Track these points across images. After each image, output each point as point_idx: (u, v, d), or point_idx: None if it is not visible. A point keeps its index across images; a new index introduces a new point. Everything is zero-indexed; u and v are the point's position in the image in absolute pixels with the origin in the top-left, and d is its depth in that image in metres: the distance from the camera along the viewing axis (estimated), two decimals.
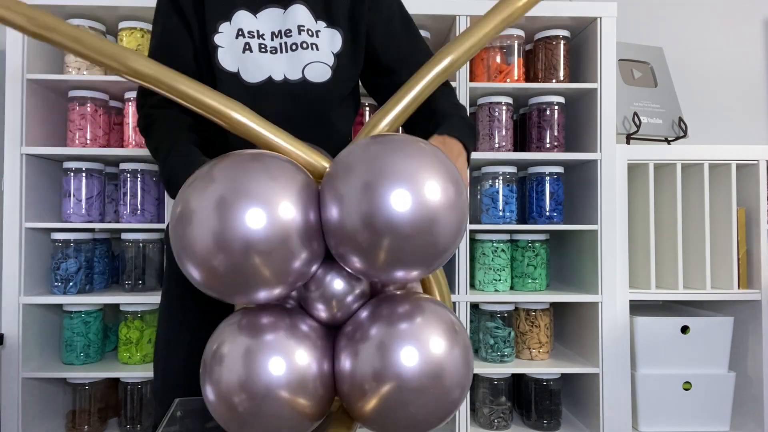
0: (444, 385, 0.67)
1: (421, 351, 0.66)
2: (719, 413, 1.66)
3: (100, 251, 1.72)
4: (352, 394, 0.68)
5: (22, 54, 1.57)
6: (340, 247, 0.67)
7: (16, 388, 1.55)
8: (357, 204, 0.63)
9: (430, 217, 0.63)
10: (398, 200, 0.62)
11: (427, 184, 0.63)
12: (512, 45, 1.71)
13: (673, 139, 1.86)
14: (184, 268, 0.66)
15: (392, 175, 0.63)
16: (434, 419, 0.69)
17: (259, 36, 1.00)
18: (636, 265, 1.70)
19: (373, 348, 0.67)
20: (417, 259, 0.66)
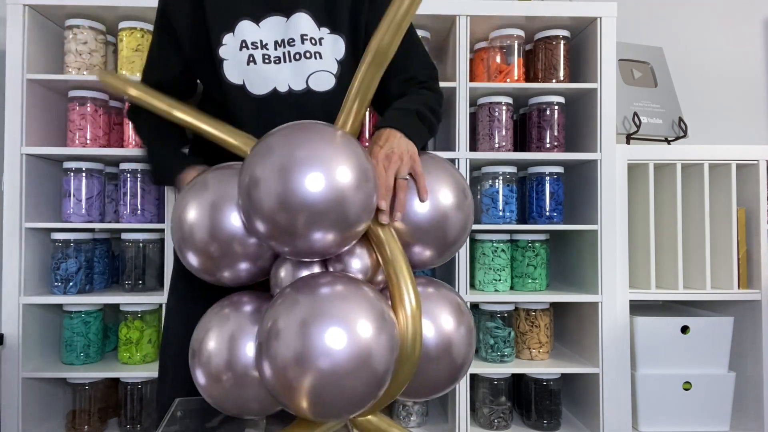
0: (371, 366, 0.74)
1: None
2: (719, 413, 1.66)
3: (100, 251, 1.72)
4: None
5: (22, 54, 1.57)
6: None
7: (16, 388, 1.55)
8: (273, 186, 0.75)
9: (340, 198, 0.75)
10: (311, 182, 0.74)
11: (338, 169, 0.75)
12: (512, 45, 1.71)
13: (673, 139, 1.86)
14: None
15: (306, 160, 0.75)
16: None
17: (263, 46, 1.00)
18: (636, 265, 1.70)
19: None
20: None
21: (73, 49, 1.63)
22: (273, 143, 0.77)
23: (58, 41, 1.70)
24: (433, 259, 0.88)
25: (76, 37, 1.63)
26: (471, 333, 0.85)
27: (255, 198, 0.75)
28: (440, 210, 0.84)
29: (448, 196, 0.85)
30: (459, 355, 0.80)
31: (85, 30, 1.63)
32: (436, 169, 0.89)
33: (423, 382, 0.80)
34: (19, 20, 1.57)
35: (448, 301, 0.84)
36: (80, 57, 1.63)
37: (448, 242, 0.86)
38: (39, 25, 1.64)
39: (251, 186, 0.75)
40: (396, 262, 0.79)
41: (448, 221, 0.84)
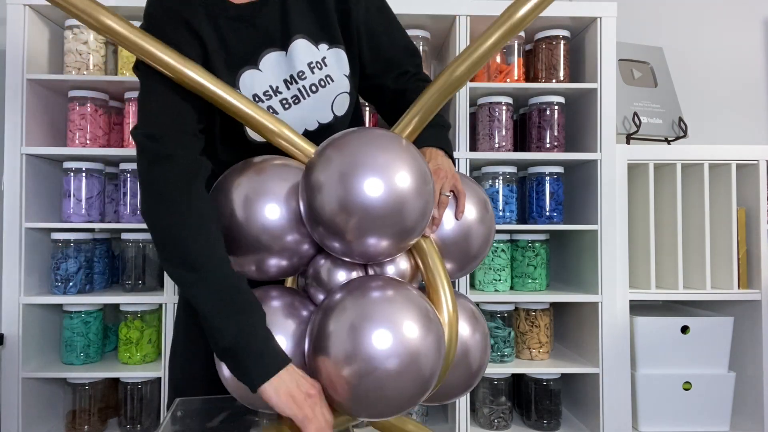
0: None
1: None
2: (719, 413, 1.66)
3: (100, 251, 1.72)
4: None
5: (22, 54, 1.57)
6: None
7: (16, 388, 1.55)
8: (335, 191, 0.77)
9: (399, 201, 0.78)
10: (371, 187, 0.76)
11: (398, 174, 0.77)
12: (512, 45, 1.71)
13: (673, 139, 1.86)
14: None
15: (365, 166, 0.77)
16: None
17: (276, 92, 0.94)
18: (636, 265, 1.70)
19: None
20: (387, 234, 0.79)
21: (73, 49, 1.63)
22: (339, 149, 0.81)
23: (58, 41, 1.70)
24: (454, 272, 0.91)
25: (76, 37, 1.63)
26: (486, 339, 0.87)
27: (317, 202, 0.77)
28: (464, 224, 0.87)
29: (472, 210, 0.89)
30: (475, 361, 0.84)
31: (85, 30, 1.64)
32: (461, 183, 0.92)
33: (440, 388, 0.81)
34: (19, 20, 1.57)
35: (464, 308, 0.86)
36: (80, 57, 1.63)
37: (471, 256, 0.89)
38: (39, 25, 1.64)
39: (314, 190, 0.78)
40: (436, 270, 0.83)
41: (471, 235, 0.88)
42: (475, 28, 1.71)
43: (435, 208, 0.87)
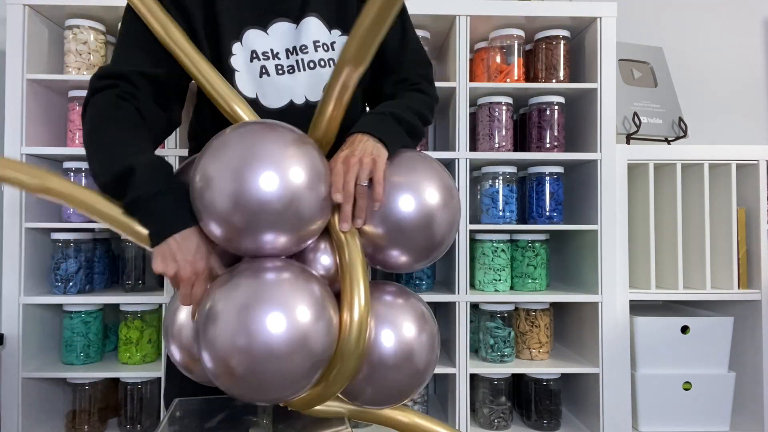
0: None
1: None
2: (719, 413, 1.66)
3: (100, 251, 1.72)
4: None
5: (22, 54, 1.57)
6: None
7: (16, 388, 1.55)
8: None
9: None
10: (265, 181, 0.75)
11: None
12: (512, 45, 1.71)
13: (673, 139, 1.86)
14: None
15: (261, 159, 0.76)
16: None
17: (274, 56, 0.95)
18: (636, 265, 1.70)
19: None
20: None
21: (73, 49, 1.63)
22: (228, 141, 0.78)
23: (58, 41, 1.70)
24: (412, 262, 0.87)
25: (76, 37, 1.63)
26: (433, 339, 0.86)
27: (208, 198, 0.75)
28: (426, 210, 0.83)
29: (435, 195, 0.84)
30: (421, 361, 0.82)
31: (85, 30, 1.64)
32: (423, 167, 0.87)
33: (385, 388, 0.81)
34: (19, 20, 1.57)
35: (412, 309, 0.85)
36: (80, 57, 1.63)
37: (435, 243, 0.85)
38: (39, 25, 1.64)
39: (204, 185, 0.76)
40: (353, 268, 0.80)
41: (434, 222, 0.83)
42: (475, 28, 1.71)
43: (346, 203, 0.82)
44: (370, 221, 0.84)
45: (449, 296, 1.63)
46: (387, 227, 0.83)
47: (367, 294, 0.80)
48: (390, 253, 0.85)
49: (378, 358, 0.79)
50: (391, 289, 0.88)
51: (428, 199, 0.83)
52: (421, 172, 0.86)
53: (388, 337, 0.80)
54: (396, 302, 0.84)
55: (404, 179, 0.85)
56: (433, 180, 0.86)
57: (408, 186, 0.84)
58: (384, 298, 0.85)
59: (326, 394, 0.80)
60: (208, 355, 0.72)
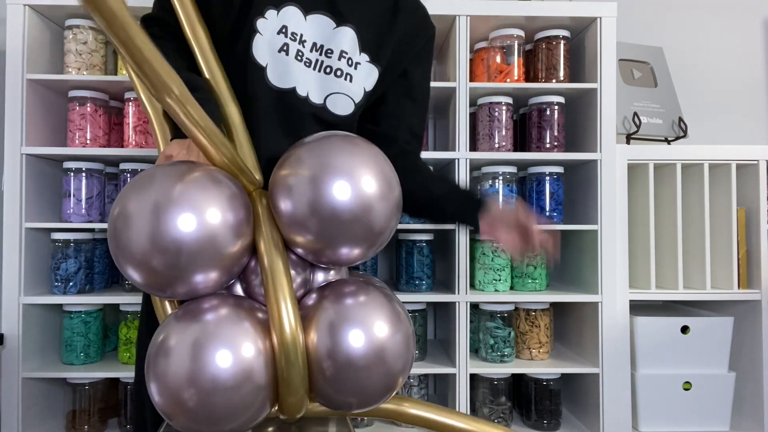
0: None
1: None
2: (719, 413, 1.66)
3: (100, 251, 1.72)
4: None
5: (22, 54, 1.57)
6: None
7: (16, 388, 1.55)
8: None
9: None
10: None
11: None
12: (512, 45, 1.71)
13: (673, 139, 1.86)
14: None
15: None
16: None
17: (301, 41, 0.94)
18: (636, 265, 1.70)
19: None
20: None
21: (73, 49, 1.63)
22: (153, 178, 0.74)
23: (58, 41, 1.70)
24: (364, 253, 0.81)
25: (76, 37, 1.63)
26: (408, 339, 0.80)
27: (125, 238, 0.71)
28: (364, 200, 0.76)
29: (372, 185, 0.76)
30: (396, 362, 0.77)
31: (85, 30, 1.64)
32: (361, 155, 0.79)
33: (356, 390, 0.78)
34: (19, 20, 1.57)
35: (381, 307, 0.79)
36: (80, 57, 1.63)
37: (375, 232, 0.78)
38: (39, 25, 1.64)
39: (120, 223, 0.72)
40: (276, 280, 0.76)
41: (372, 211, 0.76)
42: (475, 28, 1.71)
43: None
44: (297, 231, 0.78)
45: (449, 296, 1.63)
46: (316, 227, 0.78)
47: (295, 307, 0.76)
48: (332, 252, 0.80)
49: (345, 359, 0.75)
50: (355, 286, 0.82)
51: (365, 188, 0.76)
52: (359, 159, 0.80)
53: (356, 338, 0.75)
54: (361, 300, 0.79)
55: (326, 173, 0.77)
56: (375, 171, 0.78)
57: (342, 174, 0.77)
58: (345, 295, 0.80)
59: (290, 402, 0.78)
60: (156, 389, 0.72)
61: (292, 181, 0.76)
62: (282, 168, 0.79)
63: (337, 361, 0.75)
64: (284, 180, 0.77)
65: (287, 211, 0.76)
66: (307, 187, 0.75)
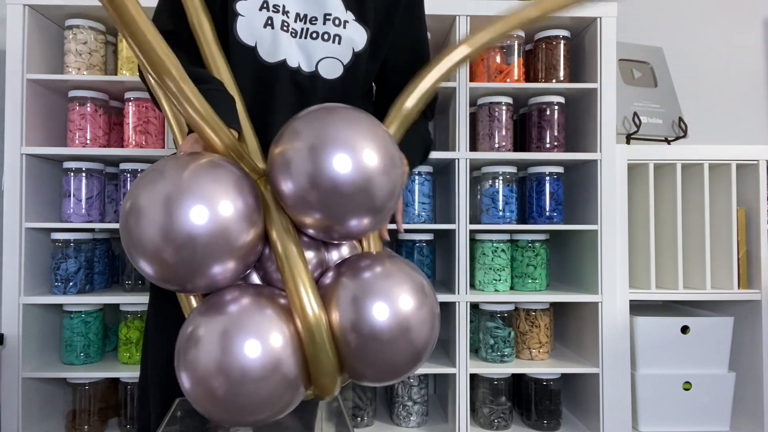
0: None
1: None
2: (719, 413, 1.66)
3: (100, 251, 1.72)
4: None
5: (22, 54, 1.57)
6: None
7: (16, 388, 1.55)
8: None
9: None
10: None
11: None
12: (512, 45, 1.71)
13: (673, 139, 1.86)
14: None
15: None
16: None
17: (284, 12, 0.94)
18: (636, 265, 1.70)
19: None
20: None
21: (73, 49, 1.63)
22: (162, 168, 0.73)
23: (58, 41, 1.70)
24: (371, 225, 0.79)
25: (76, 37, 1.63)
26: (433, 315, 0.78)
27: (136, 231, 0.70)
28: (365, 173, 0.73)
29: (374, 158, 0.74)
30: (419, 336, 0.76)
31: (85, 30, 1.64)
32: (365, 127, 0.77)
33: (378, 364, 0.77)
34: (19, 20, 1.57)
35: (413, 280, 0.78)
36: (80, 57, 1.63)
37: (375, 207, 0.76)
38: (39, 25, 1.64)
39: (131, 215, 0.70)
40: (292, 264, 0.75)
41: (373, 184, 0.74)
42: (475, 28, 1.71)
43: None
44: (302, 210, 0.77)
45: (449, 296, 1.63)
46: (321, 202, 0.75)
47: (315, 291, 0.75)
48: (341, 227, 0.78)
49: (370, 332, 0.74)
50: (382, 257, 0.81)
51: (367, 161, 0.74)
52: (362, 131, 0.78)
53: (380, 311, 0.74)
54: (388, 270, 0.78)
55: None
56: (377, 147, 0.76)
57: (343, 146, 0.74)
58: (359, 269, 0.79)
59: (324, 383, 0.78)
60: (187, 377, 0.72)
61: (289, 155, 0.74)
62: (278, 144, 0.76)
63: (362, 334, 0.73)
64: (281, 157, 0.75)
65: (289, 192, 0.74)
66: (306, 160, 0.72)
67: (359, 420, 1.70)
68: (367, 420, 1.71)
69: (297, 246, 0.77)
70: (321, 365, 0.75)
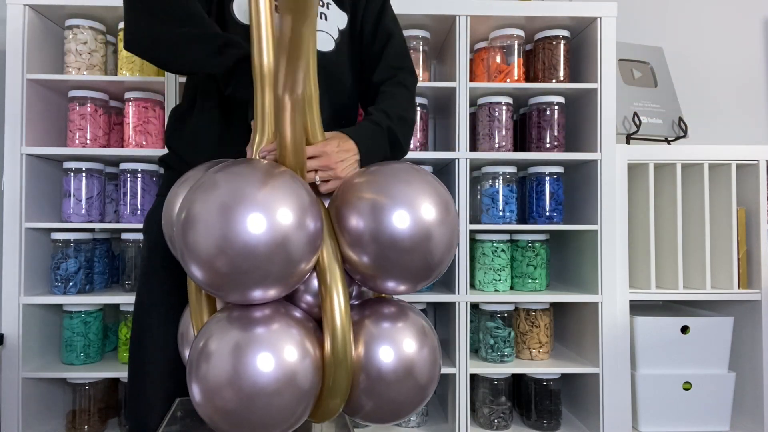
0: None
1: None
2: (719, 413, 1.66)
3: (100, 251, 1.72)
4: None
5: (22, 54, 1.57)
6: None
7: (16, 388, 1.55)
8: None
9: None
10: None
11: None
12: (512, 45, 1.71)
13: (673, 139, 1.86)
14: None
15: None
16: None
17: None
18: (636, 265, 1.70)
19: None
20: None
21: (73, 49, 1.63)
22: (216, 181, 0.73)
23: (58, 41, 1.70)
24: (408, 288, 0.83)
25: (76, 37, 1.63)
26: (435, 353, 0.83)
27: (191, 239, 0.70)
28: (423, 227, 0.75)
29: (431, 211, 0.76)
30: (423, 375, 0.80)
31: (85, 30, 1.64)
32: (417, 180, 0.79)
33: (386, 405, 0.80)
34: (19, 20, 1.57)
35: (413, 323, 0.82)
36: (80, 57, 1.63)
37: (432, 264, 0.79)
38: (39, 25, 1.64)
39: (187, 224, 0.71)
40: (338, 294, 0.77)
41: (432, 239, 0.76)
42: (475, 28, 1.71)
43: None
44: (357, 251, 0.79)
45: (449, 296, 1.63)
46: (375, 253, 0.78)
47: (346, 315, 0.77)
48: (383, 283, 0.81)
49: (377, 374, 0.78)
50: (387, 308, 0.84)
51: (425, 215, 0.76)
52: (415, 185, 0.80)
53: (387, 354, 0.78)
54: (392, 317, 0.82)
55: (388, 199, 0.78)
56: (429, 194, 0.79)
57: (400, 203, 0.77)
58: (382, 316, 0.82)
59: (330, 406, 0.79)
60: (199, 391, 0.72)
61: (361, 204, 0.77)
62: (352, 188, 0.80)
63: (369, 373, 0.78)
64: (355, 201, 0.78)
65: (355, 230, 0.77)
66: (372, 212, 0.76)
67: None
68: None
69: (342, 276, 0.79)
70: (338, 386, 0.77)
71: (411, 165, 0.83)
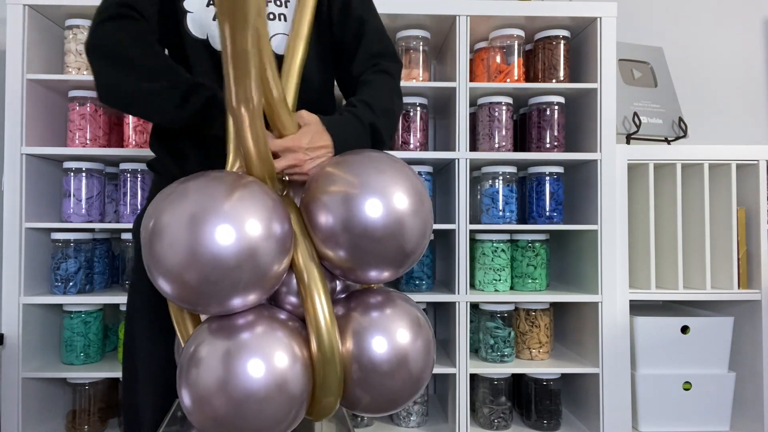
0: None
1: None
2: (719, 413, 1.66)
3: (100, 251, 1.72)
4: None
5: (22, 54, 1.57)
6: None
7: (16, 388, 1.55)
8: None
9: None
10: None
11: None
12: (512, 45, 1.71)
13: (673, 139, 1.86)
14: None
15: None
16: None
17: None
18: (636, 265, 1.70)
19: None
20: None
21: (73, 49, 1.63)
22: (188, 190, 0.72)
23: (58, 41, 1.70)
24: (392, 274, 0.82)
25: (76, 37, 1.63)
26: (429, 345, 0.82)
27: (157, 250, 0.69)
28: (396, 216, 0.75)
29: (404, 200, 0.76)
30: (416, 367, 0.80)
31: (85, 30, 1.64)
32: (392, 170, 0.79)
33: (379, 396, 0.79)
34: (19, 20, 1.57)
35: (407, 314, 0.82)
36: (80, 57, 1.63)
37: (405, 253, 0.78)
38: (39, 25, 1.64)
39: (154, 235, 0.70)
40: (318, 294, 0.77)
41: (404, 228, 0.76)
42: (475, 28, 1.71)
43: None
44: (331, 246, 0.78)
45: (449, 296, 1.63)
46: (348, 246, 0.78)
47: (332, 314, 0.77)
48: (364, 274, 0.81)
49: (369, 364, 0.77)
50: (379, 296, 0.83)
51: (396, 204, 0.76)
52: (390, 174, 0.79)
53: (378, 343, 0.77)
54: (385, 308, 0.81)
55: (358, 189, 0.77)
56: (404, 185, 0.78)
57: (373, 192, 0.76)
58: (369, 306, 0.82)
59: (325, 404, 0.79)
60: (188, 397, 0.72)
61: (328, 198, 0.76)
62: (319, 183, 0.79)
63: (362, 365, 0.77)
64: (322, 196, 0.77)
65: (325, 227, 0.76)
66: (341, 205, 0.75)
67: (359, 420, 1.70)
68: (367, 420, 1.71)
69: (320, 274, 0.78)
70: (329, 385, 0.76)
71: (383, 153, 0.82)
